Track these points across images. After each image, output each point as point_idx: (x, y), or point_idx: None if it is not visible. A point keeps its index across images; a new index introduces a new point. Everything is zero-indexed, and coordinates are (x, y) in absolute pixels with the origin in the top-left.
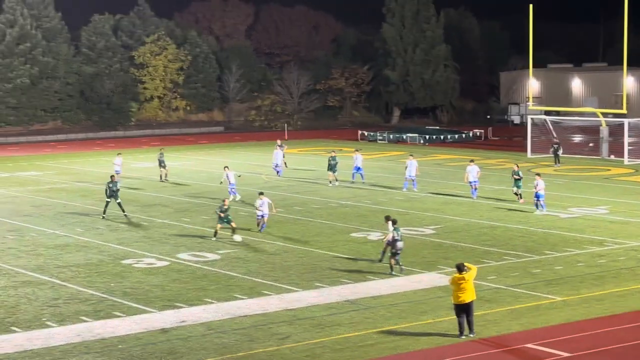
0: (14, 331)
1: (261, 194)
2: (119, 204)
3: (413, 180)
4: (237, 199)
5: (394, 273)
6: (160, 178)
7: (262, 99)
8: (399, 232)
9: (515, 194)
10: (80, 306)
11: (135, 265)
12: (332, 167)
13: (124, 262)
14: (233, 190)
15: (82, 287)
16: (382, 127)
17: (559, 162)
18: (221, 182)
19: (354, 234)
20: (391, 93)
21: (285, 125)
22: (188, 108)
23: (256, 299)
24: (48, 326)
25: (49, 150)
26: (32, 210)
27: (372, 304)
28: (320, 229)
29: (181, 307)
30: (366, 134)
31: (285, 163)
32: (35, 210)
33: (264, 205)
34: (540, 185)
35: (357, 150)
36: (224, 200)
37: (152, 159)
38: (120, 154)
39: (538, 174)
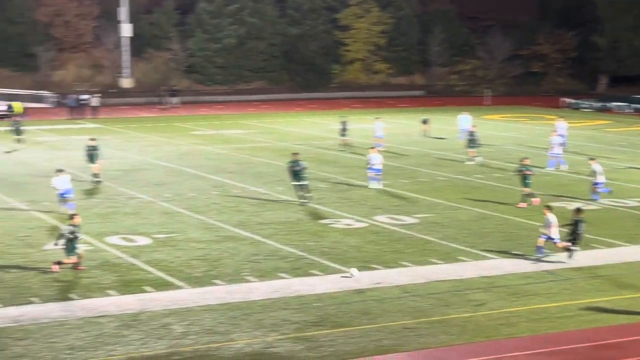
0: (216, 284)
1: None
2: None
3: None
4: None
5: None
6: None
7: (463, 63)
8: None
9: None
10: (279, 263)
11: (333, 225)
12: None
13: (322, 221)
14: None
15: (281, 245)
16: (587, 94)
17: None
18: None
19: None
20: (598, 60)
21: (486, 90)
22: (389, 71)
23: (452, 265)
24: (248, 281)
25: (253, 110)
26: (236, 167)
27: (571, 275)
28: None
29: (377, 269)
30: (568, 101)
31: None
32: (239, 168)
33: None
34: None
35: (561, 118)
36: None
37: (352, 121)
38: (378, 117)
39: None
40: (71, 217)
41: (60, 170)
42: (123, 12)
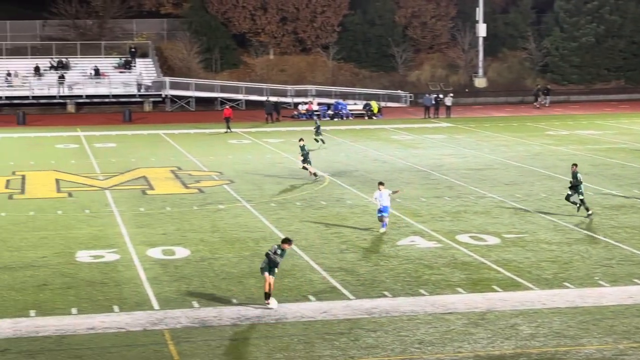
0: (566, 287)
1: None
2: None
3: None
4: None
5: None
6: None
7: None
8: None
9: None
10: (634, 268)
11: None
12: None
13: None
14: None
15: (636, 250)
16: None
17: None
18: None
19: None
20: None
21: None
22: None
23: None
24: (600, 285)
25: (610, 110)
26: (590, 169)
27: None
28: None
29: None
30: None
31: None
32: (593, 169)
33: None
34: None
35: None
36: None
37: None
38: None
39: None
40: (286, 241)
41: (381, 183)
42: (480, 12)
